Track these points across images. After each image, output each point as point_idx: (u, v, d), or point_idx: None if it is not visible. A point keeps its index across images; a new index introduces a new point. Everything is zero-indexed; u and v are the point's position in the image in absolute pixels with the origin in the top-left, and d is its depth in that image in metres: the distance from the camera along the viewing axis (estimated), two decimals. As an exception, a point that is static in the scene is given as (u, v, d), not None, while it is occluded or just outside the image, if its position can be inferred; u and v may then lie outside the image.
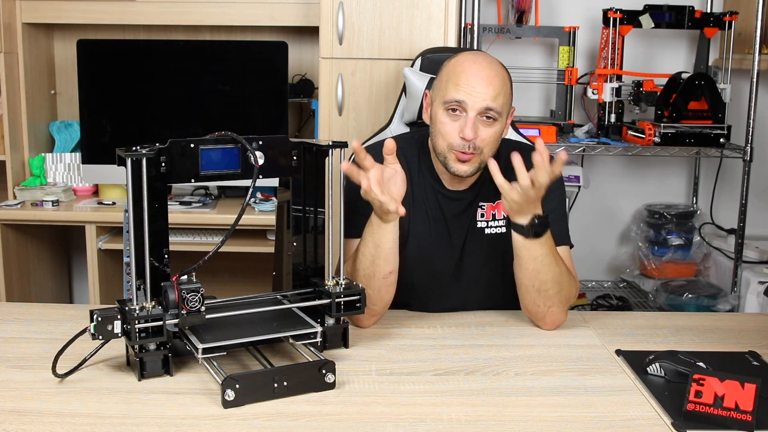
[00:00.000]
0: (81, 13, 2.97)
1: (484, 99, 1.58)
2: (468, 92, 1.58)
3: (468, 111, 1.58)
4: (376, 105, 2.69)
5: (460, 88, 1.59)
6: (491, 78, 1.59)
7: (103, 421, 1.21)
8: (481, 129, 1.59)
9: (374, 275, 1.58)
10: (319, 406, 1.27)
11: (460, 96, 1.58)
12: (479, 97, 1.57)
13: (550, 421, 1.25)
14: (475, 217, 1.75)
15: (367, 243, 1.57)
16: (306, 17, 2.90)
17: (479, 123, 1.59)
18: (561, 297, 1.61)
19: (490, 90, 1.58)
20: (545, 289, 1.59)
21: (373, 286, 1.58)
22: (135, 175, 1.31)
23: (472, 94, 1.58)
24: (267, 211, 2.85)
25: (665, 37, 3.29)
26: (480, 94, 1.57)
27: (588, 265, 3.40)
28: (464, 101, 1.58)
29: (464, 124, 1.58)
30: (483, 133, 1.60)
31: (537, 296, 1.60)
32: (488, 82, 1.58)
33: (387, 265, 1.58)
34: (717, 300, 2.97)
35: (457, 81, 1.59)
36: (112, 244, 2.87)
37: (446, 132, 1.61)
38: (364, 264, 1.58)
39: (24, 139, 3.03)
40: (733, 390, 1.23)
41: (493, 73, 1.60)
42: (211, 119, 2.94)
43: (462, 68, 1.61)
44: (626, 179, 3.43)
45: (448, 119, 1.61)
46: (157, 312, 1.31)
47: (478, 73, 1.59)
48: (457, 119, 1.60)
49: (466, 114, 1.59)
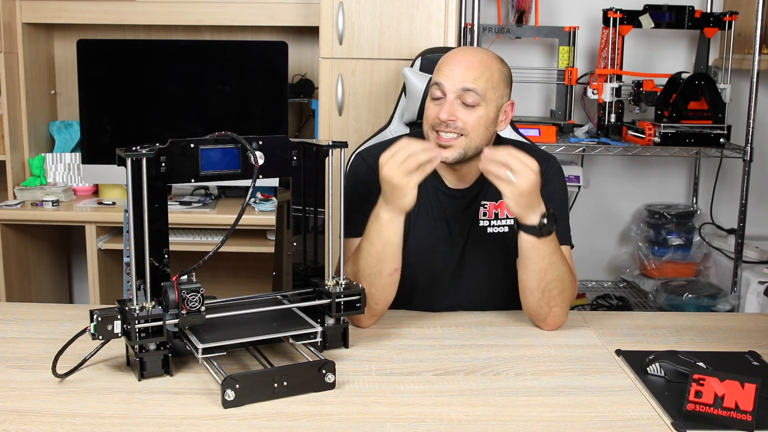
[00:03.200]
0: (81, 13, 2.97)
1: (462, 80, 1.60)
2: (447, 75, 1.62)
3: (447, 93, 1.62)
4: (376, 105, 2.69)
5: (440, 72, 1.64)
6: (472, 62, 1.62)
7: (103, 421, 1.21)
8: (461, 111, 1.61)
9: (380, 273, 1.58)
10: (319, 406, 1.27)
11: (440, 78, 1.63)
12: (457, 79, 1.61)
13: (550, 421, 1.25)
14: (477, 215, 1.75)
15: (374, 241, 1.57)
16: (306, 17, 2.90)
17: (459, 106, 1.61)
18: (564, 297, 1.61)
19: (469, 73, 1.61)
20: (550, 289, 1.58)
21: (378, 285, 1.58)
22: (135, 175, 1.31)
23: (450, 77, 1.61)
24: (267, 211, 2.85)
25: (665, 37, 3.29)
26: (457, 76, 1.61)
27: (588, 265, 3.40)
28: (442, 83, 1.62)
29: (442, 106, 1.62)
30: (464, 116, 1.61)
31: (542, 297, 1.59)
32: (468, 66, 1.61)
33: (394, 262, 1.58)
34: (717, 300, 2.97)
35: (440, 66, 1.65)
36: (112, 244, 2.87)
37: (428, 114, 1.66)
38: (369, 262, 1.58)
39: (24, 139, 3.03)
40: (733, 390, 1.23)
41: (476, 59, 1.63)
42: (211, 119, 2.94)
43: (448, 54, 1.67)
44: (626, 179, 3.43)
45: (431, 104, 1.65)
46: (157, 312, 1.31)
47: (460, 58, 1.64)
48: (439, 104, 1.63)
49: (446, 97, 1.62)
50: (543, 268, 1.57)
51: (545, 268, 1.57)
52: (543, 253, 1.56)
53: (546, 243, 1.55)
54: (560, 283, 1.59)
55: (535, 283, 1.58)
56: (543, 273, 1.57)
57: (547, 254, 1.56)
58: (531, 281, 1.59)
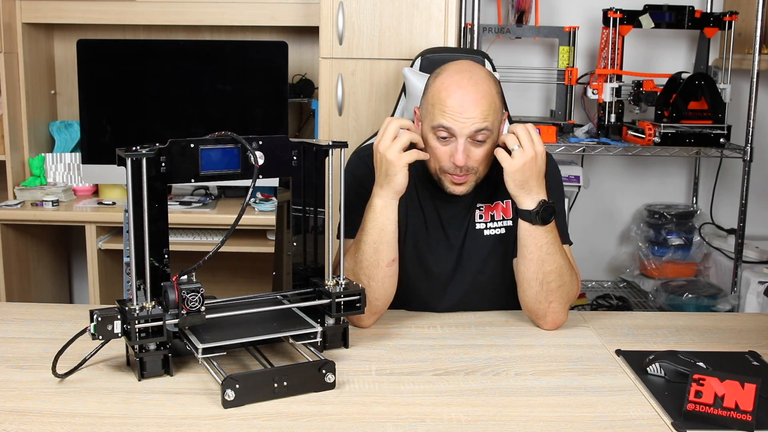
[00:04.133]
0: (81, 13, 2.97)
1: (473, 123, 1.55)
2: (455, 119, 1.55)
3: (457, 137, 1.56)
4: (376, 105, 2.69)
5: (446, 114, 1.55)
6: (477, 100, 1.55)
7: (103, 421, 1.21)
8: (473, 150, 1.58)
9: (378, 264, 1.58)
10: (319, 406, 1.27)
11: (447, 123, 1.55)
12: (467, 123, 1.55)
13: (550, 421, 1.25)
14: (474, 218, 1.75)
15: (369, 230, 1.57)
16: (306, 17, 2.90)
17: (470, 145, 1.58)
18: (562, 292, 1.61)
19: (478, 112, 1.54)
20: (548, 281, 1.58)
21: (377, 277, 1.58)
22: (135, 175, 1.31)
23: (459, 120, 1.54)
24: (267, 211, 2.85)
25: (665, 37, 3.29)
26: (468, 120, 1.54)
27: (588, 265, 3.40)
28: (452, 127, 1.55)
29: (455, 150, 1.57)
30: (475, 154, 1.59)
31: (539, 290, 1.59)
32: (475, 104, 1.54)
33: (391, 252, 1.58)
34: (717, 300, 2.97)
35: (443, 107, 1.56)
36: (112, 244, 2.87)
37: (437, 156, 1.60)
38: (367, 253, 1.58)
39: (24, 139, 3.03)
40: (733, 390, 1.23)
41: (479, 94, 1.55)
42: (211, 119, 2.94)
43: (447, 93, 1.56)
44: (626, 179, 3.43)
45: (437, 144, 1.59)
46: (157, 312, 1.31)
47: (464, 97, 1.55)
48: (447, 143, 1.58)
49: (456, 139, 1.57)
50: (540, 258, 1.57)
51: (543, 258, 1.57)
52: (540, 243, 1.56)
53: (543, 232, 1.56)
54: (558, 276, 1.59)
55: (533, 274, 1.59)
56: (540, 263, 1.57)
57: (544, 244, 1.56)
58: (528, 271, 1.59)
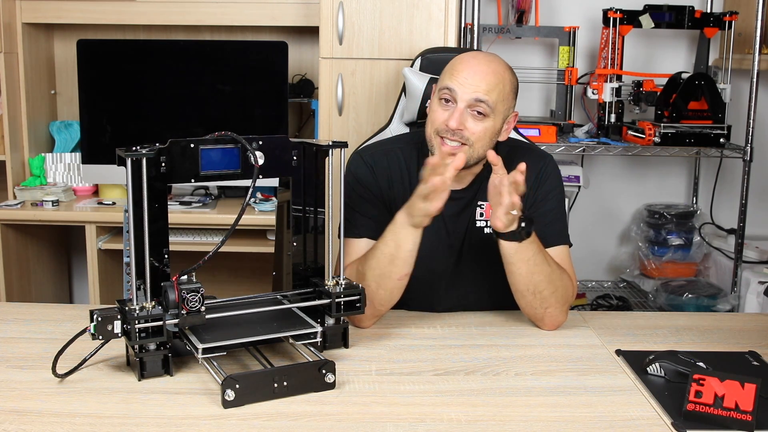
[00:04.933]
0: (81, 13, 2.97)
1: (475, 90, 1.58)
2: (460, 82, 1.59)
3: (458, 101, 1.59)
4: (376, 105, 2.69)
5: (453, 78, 1.60)
6: (486, 73, 1.60)
7: (103, 421, 1.21)
8: (470, 121, 1.60)
9: (391, 276, 1.57)
10: (319, 406, 1.27)
11: (453, 84, 1.60)
12: (470, 88, 1.58)
13: (550, 421, 1.25)
14: (474, 216, 1.75)
15: (388, 242, 1.57)
16: (306, 17, 2.90)
17: (468, 115, 1.60)
18: (557, 297, 1.61)
19: (483, 84, 1.59)
20: (540, 291, 1.59)
21: (386, 287, 1.58)
22: (135, 175, 1.31)
23: (464, 84, 1.59)
24: (267, 211, 2.85)
25: (665, 37, 3.29)
26: (471, 86, 1.58)
27: (588, 265, 3.40)
28: (455, 89, 1.59)
29: (452, 114, 1.60)
30: (472, 126, 1.60)
31: (533, 299, 1.60)
32: (482, 76, 1.59)
33: (405, 267, 1.58)
34: (717, 300, 2.97)
35: (453, 71, 1.61)
36: (112, 244, 2.87)
37: (434, 118, 1.63)
38: (381, 263, 1.58)
39: (24, 139, 3.03)
40: (733, 390, 1.23)
41: (491, 69, 1.61)
42: (211, 119, 2.94)
43: (461, 60, 1.63)
44: (626, 179, 3.43)
45: (438, 107, 1.63)
46: (157, 312, 1.31)
47: (475, 66, 1.60)
48: (447, 109, 1.61)
49: (456, 105, 1.60)
50: (529, 271, 1.57)
51: (531, 271, 1.57)
52: (527, 256, 1.56)
53: (527, 246, 1.55)
54: (549, 284, 1.59)
55: (524, 286, 1.59)
56: (530, 276, 1.57)
57: (531, 257, 1.56)
58: (519, 284, 1.59)
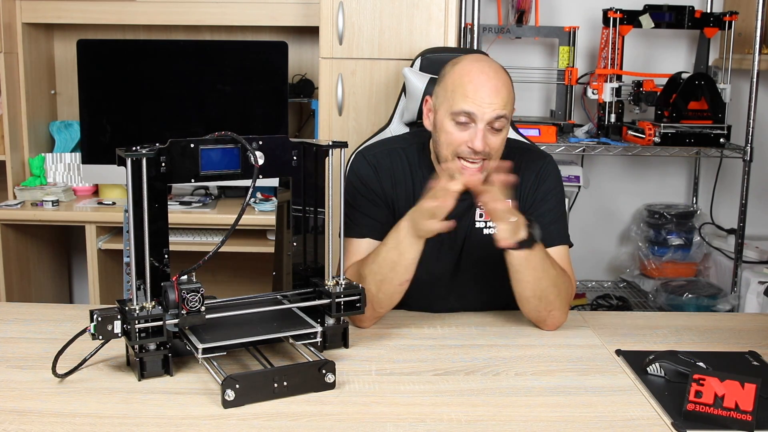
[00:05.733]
0: (81, 13, 2.97)
1: (494, 109, 1.55)
2: (478, 104, 1.55)
3: (477, 122, 1.56)
4: (376, 105, 2.69)
5: (468, 99, 1.55)
6: (499, 88, 1.56)
7: (103, 421, 1.21)
8: (490, 138, 1.58)
9: (391, 281, 1.57)
10: (319, 406, 1.27)
11: (469, 107, 1.55)
12: (489, 108, 1.55)
13: (550, 421, 1.25)
14: (474, 217, 1.75)
15: (391, 249, 1.56)
16: (306, 17, 2.90)
17: (487, 132, 1.57)
18: (561, 299, 1.61)
19: (499, 100, 1.56)
20: (546, 295, 1.58)
21: (386, 291, 1.58)
22: (135, 175, 1.31)
23: (482, 106, 1.55)
24: (267, 211, 2.85)
25: (665, 37, 3.29)
26: (490, 105, 1.55)
27: (588, 265, 3.40)
28: (474, 113, 1.55)
29: (474, 135, 1.56)
30: (492, 142, 1.58)
31: (538, 304, 1.60)
32: (496, 91, 1.56)
33: (406, 274, 1.58)
34: (717, 300, 2.97)
35: (465, 92, 1.56)
36: (112, 244, 2.87)
37: (453, 141, 1.59)
38: (383, 268, 1.57)
39: (24, 139, 3.03)
40: (733, 390, 1.23)
41: (501, 82, 1.58)
42: (211, 119, 2.94)
43: (469, 78, 1.57)
44: (626, 179, 3.43)
45: (455, 129, 1.58)
46: (157, 312, 1.31)
47: (486, 83, 1.56)
48: (465, 129, 1.57)
49: (476, 125, 1.56)
50: (537, 278, 1.57)
51: (539, 277, 1.57)
52: (534, 263, 1.56)
53: (536, 253, 1.55)
54: (555, 287, 1.59)
55: (531, 293, 1.58)
56: (537, 282, 1.57)
57: (538, 263, 1.56)
58: (525, 291, 1.59)
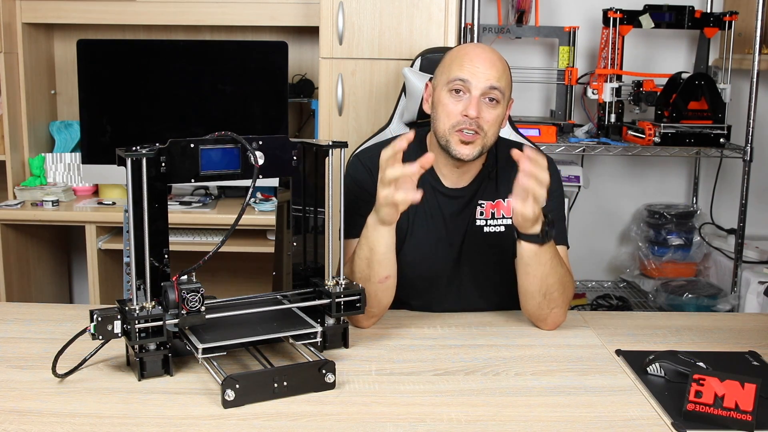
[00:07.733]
0: (81, 13, 2.97)
1: (488, 79, 1.60)
2: (472, 72, 1.61)
3: (472, 90, 1.61)
4: (376, 105, 2.69)
5: (464, 68, 1.62)
6: (494, 60, 1.63)
7: (103, 421, 1.21)
8: (484, 110, 1.61)
9: (370, 279, 1.57)
10: (319, 406, 1.27)
11: (465, 75, 1.61)
12: (483, 77, 1.60)
13: (550, 421, 1.25)
14: (474, 215, 1.75)
15: (362, 246, 1.57)
16: (306, 17, 2.90)
17: (482, 104, 1.61)
18: (564, 298, 1.61)
19: (494, 71, 1.61)
20: (551, 293, 1.58)
21: (369, 290, 1.57)
22: (135, 175, 1.31)
23: (476, 74, 1.61)
24: (267, 211, 2.85)
25: (665, 37, 3.29)
26: (484, 74, 1.61)
27: (588, 265, 3.40)
28: (468, 80, 1.61)
29: (468, 103, 1.60)
30: (486, 114, 1.62)
31: (542, 301, 1.60)
32: (491, 63, 1.62)
33: (382, 270, 1.57)
34: (717, 300, 2.97)
35: (461, 62, 1.63)
36: (112, 244, 2.87)
37: (449, 112, 1.63)
38: (360, 266, 1.58)
39: (24, 139, 3.03)
40: (733, 390, 1.23)
41: (496, 57, 1.65)
42: (211, 119, 2.94)
43: (465, 51, 1.65)
44: (626, 179, 3.43)
45: (451, 100, 1.63)
46: (157, 312, 1.31)
47: (481, 54, 1.63)
48: (460, 100, 1.62)
49: (470, 94, 1.61)
50: (545, 273, 1.57)
51: (547, 273, 1.57)
52: (544, 259, 1.56)
53: (546, 249, 1.55)
54: (560, 285, 1.59)
55: (537, 288, 1.58)
56: (544, 278, 1.57)
57: (548, 260, 1.56)
58: (532, 286, 1.59)
